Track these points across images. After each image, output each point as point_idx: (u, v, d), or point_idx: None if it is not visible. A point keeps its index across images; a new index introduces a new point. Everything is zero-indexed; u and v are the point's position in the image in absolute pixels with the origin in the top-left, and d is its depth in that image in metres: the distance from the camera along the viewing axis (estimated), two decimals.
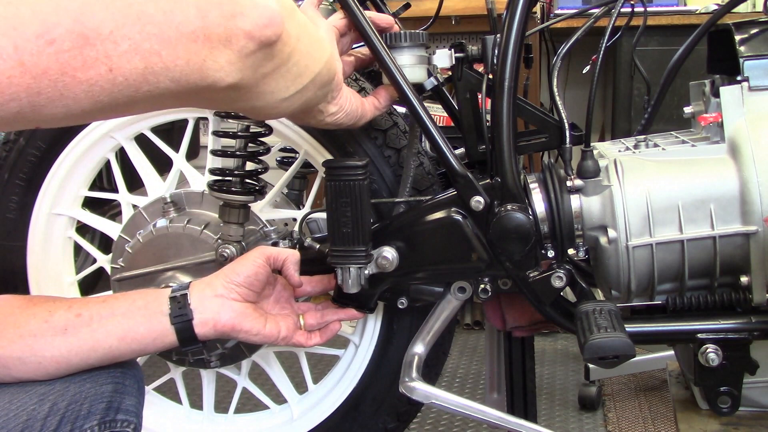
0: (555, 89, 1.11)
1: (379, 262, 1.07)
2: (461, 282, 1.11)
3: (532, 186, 1.08)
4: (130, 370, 0.92)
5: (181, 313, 0.93)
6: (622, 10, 1.14)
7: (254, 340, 1.00)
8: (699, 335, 1.03)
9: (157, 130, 1.31)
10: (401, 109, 1.21)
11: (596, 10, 1.22)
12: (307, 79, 0.80)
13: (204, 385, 1.35)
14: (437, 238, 1.08)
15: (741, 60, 1.06)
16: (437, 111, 1.82)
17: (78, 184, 1.31)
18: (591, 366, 1.91)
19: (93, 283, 1.66)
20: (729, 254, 1.01)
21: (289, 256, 1.03)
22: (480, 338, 2.45)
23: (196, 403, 1.38)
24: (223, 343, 1.23)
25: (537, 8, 2.41)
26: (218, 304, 0.96)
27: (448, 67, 1.11)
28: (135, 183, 1.33)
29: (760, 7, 2.36)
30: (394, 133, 1.19)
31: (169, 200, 1.25)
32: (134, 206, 1.30)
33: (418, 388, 1.10)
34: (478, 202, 1.05)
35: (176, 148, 1.31)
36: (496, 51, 1.06)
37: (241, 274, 0.99)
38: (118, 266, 1.26)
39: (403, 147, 1.18)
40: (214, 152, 1.23)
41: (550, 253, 1.07)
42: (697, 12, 2.45)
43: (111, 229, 1.31)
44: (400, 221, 1.10)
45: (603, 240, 1.04)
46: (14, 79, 0.53)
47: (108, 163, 1.32)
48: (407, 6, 1.31)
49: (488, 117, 1.09)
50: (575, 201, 1.05)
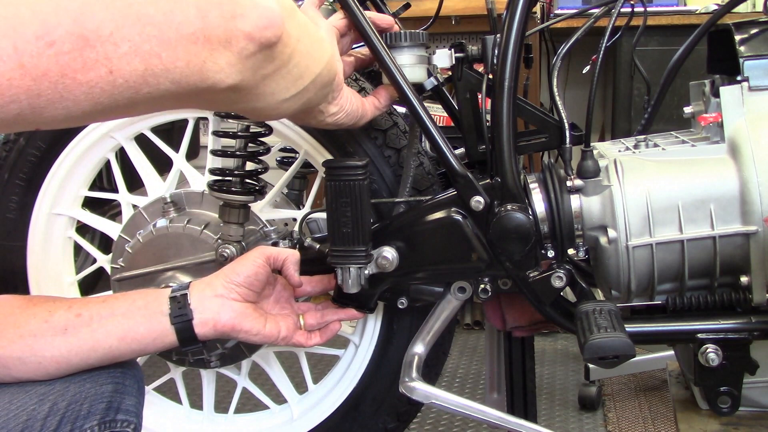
0: (555, 89, 1.11)
1: (379, 262, 1.07)
2: (461, 282, 1.11)
3: (532, 186, 1.08)
4: (130, 370, 0.92)
5: (181, 313, 0.93)
6: (622, 10, 1.14)
7: (254, 340, 1.00)
8: (699, 335, 1.03)
9: (157, 130, 1.31)
10: (401, 109, 1.21)
11: (596, 10, 1.22)
12: (307, 80, 0.80)
13: (204, 385, 1.35)
14: (437, 238, 1.08)
15: (741, 60, 1.06)
16: (437, 111, 1.82)
17: (78, 184, 1.31)
18: (591, 366, 1.90)
19: (93, 283, 1.66)
20: (729, 254, 1.01)
21: (289, 256, 1.04)
22: (480, 338, 2.45)
23: (196, 403, 1.38)
24: (223, 343, 1.23)
25: (537, 8, 2.41)
26: (218, 304, 0.97)
27: (448, 67, 1.11)
28: (135, 183, 1.33)
29: (760, 7, 2.35)
30: (394, 133, 1.19)
31: (169, 200, 1.25)
32: (134, 206, 1.30)
33: (418, 388, 1.10)
34: (478, 202, 1.05)
35: (176, 148, 1.31)
36: (496, 51, 1.06)
37: (241, 274, 0.99)
38: (118, 266, 1.26)
39: (403, 147, 1.18)
40: (214, 152, 1.23)
41: (550, 253, 1.07)
42: (697, 12, 2.45)
43: (111, 229, 1.31)
44: (400, 221, 1.10)
45: (603, 240, 1.04)
46: (14, 81, 0.53)
47: (108, 163, 1.32)
48: (407, 6, 1.31)
49: (488, 117, 1.09)
50: (575, 201, 1.05)
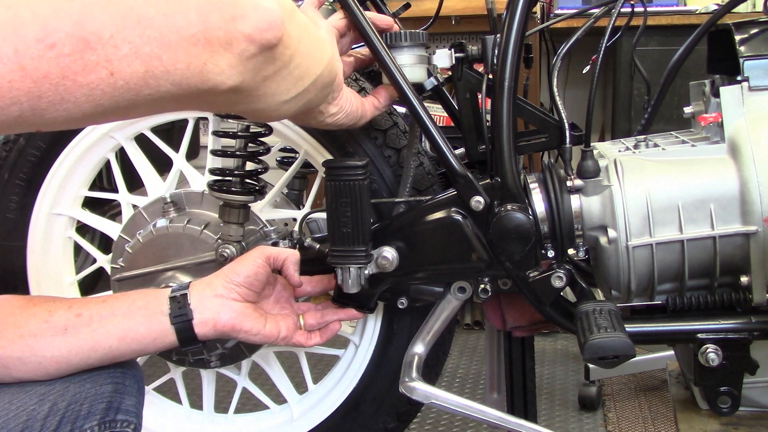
0: (555, 89, 1.11)
1: (379, 262, 1.07)
2: (461, 282, 1.11)
3: (532, 186, 1.08)
4: (130, 370, 0.92)
5: (181, 313, 0.93)
6: (622, 10, 1.14)
7: (254, 340, 1.00)
8: (699, 335, 1.03)
9: (157, 130, 1.31)
10: (401, 109, 1.21)
11: (596, 10, 1.22)
12: (308, 81, 0.80)
13: (204, 385, 1.35)
14: (437, 238, 1.08)
15: (741, 60, 1.06)
16: (437, 111, 1.81)
17: (78, 184, 1.31)
18: (591, 366, 1.90)
19: (93, 283, 1.66)
20: (729, 254, 1.01)
21: (289, 256, 1.04)
22: (480, 338, 2.45)
23: (196, 403, 1.38)
24: (223, 343, 1.23)
25: (537, 8, 2.41)
26: (218, 304, 0.97)
27: (448, 67, 1.11)
28: (135, 183, 1.33)
29: (760, 7, 2.35)
30: (394, 133, 1.19)
31: (169, 200, 1.25)
32: (134, 206, 1.30)
33: (418, 388, 1.10)
34: (478, 202, 1.05)
35: (176, 148, 1.31)
36: (496, 51, 1.06)
37: (241, 274, 0.99)
38: (118, 266, 1.26)
39: (403, 147, 1.18)
40: (214, 152, 1.23)
41: (550, 253, 1.07)
42: (697, 12, 2.45)
43: (111, 229, 1.31)
44: (400, 221, 1.10)
45: (603, 240, 1.04)
46: (15, 83, 0.53)
47: (108, 163, 1.32)
48: (407, 6, 1.31)
49: (488, 117, 1.09)
50: (575, 201, 1.05)
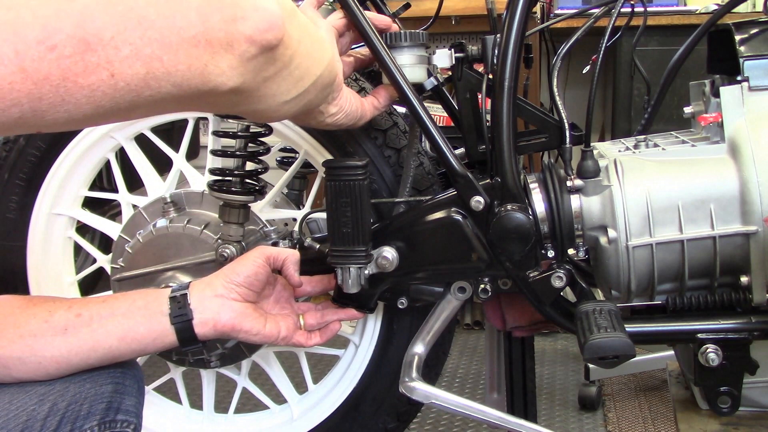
0: (555, 89, 1.11)
1: (379, 262, 1.07)
2: (461, 282, 1.11)
3: (532, 186, 1.08)
4: (130, 370, 0.92)
5: (181, 313, 0.93)
6: (622, 10, 1.14)
7: (254, 340, 1.00)
8: (699, 335, 1.03)
9: (157, 130, 1.31)
10: (401, 109, 1.21)
11: (596, 10, 1.22)
12: (308, 81, 0.80)
13: (204, 385, 1.35)
14: (437, 238, 1.08)
15: (741, 60, 1.06)
16: (437, 111, 1.82)
17: (78, 184, 1.31)
18: (591, 366, 1.90)
19: (93, 283, 1.66)
20: (729, 254, 1.01)
21: (289, 256, 1.04)
22: (480, 338, 2.45)
23: (196, 403, 1.38)
24: (223, 343, 1.23)
25: (537, 8, 2.41)
26: (218, 304, 0.97)
27: (448, 67, 1.11)
28: (135, 183, 1.33)
29: (760, 7, 2.36)
30: (394, 133, 1.19)
31: (169, 200, 1.25)
32: (134, 206, 1.30)
33: (418, 388, 1.10)
34: (478, 202, 1.05)
35: (176, 148, 1.31)
36: (496, 51, 1.06)
37: (241, 274, 0.99)
38: (118, 266, 1.26)
39: (403, 147, 1.18)
40: (214, 152, 1.23)
41: (550, 253, 1.07)
42: (697, 12, 2.45)
43: (111, 229, 1.31)
44: (400, 221, 1.10)
45: (603, 240, 1.04)
46: (15, 84, 0.53)
47: (108, 163, 1.32)
48: (407, 6, 1.31)
49: (488, 117, 1.09)
50: (575, 201, 1.05)
